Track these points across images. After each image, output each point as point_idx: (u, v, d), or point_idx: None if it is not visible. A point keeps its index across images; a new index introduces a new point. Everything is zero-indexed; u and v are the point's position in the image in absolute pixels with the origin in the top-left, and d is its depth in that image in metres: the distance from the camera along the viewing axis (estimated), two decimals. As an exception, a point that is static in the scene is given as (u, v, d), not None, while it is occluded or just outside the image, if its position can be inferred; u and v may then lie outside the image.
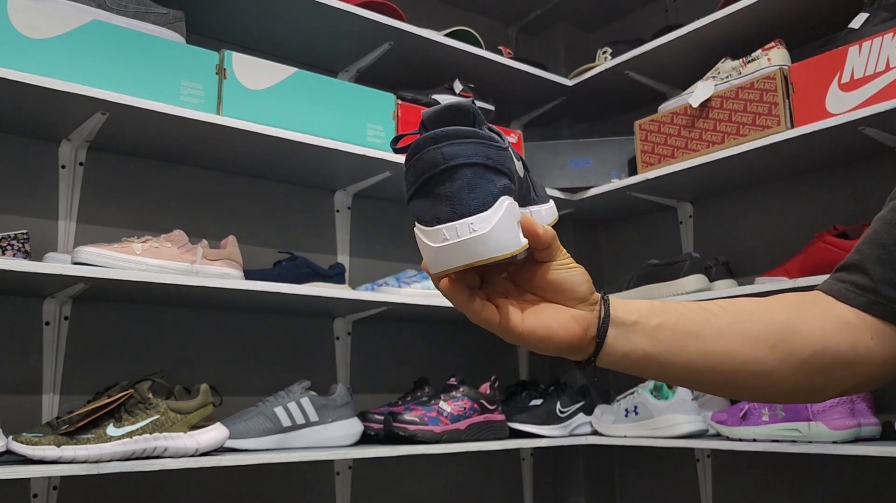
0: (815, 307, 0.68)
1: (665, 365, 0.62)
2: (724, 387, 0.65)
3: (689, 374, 0.63)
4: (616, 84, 2.11)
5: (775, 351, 0.63)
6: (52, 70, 1.30)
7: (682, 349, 0.62)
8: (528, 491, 2.13)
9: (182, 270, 1.42)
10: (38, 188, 1.51)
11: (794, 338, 0.64)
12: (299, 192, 1.86)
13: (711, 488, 1.93)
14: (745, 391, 0.65)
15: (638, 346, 0.61)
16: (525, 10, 2.39)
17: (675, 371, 0.63)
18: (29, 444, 1.16)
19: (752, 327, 0.64)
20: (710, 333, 0.63)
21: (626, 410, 1.83)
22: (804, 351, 0.64)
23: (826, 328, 0.66)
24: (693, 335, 0.62)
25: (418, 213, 0.51)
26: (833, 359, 0.65)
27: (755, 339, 0.63)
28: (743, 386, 0.64)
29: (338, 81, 1.70)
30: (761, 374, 0.63)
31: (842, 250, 1.54)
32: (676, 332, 0.62)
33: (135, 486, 1.52)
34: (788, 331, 0.64)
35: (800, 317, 0.66)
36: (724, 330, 0.63)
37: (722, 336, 0.63)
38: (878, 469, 1.63)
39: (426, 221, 0.51)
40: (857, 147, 1.64)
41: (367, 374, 1.90)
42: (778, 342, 0.63)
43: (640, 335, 0.61)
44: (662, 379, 0.64)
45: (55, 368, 1.47)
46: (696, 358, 0.62)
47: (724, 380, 0.64)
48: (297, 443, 1.52)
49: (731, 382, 0.64)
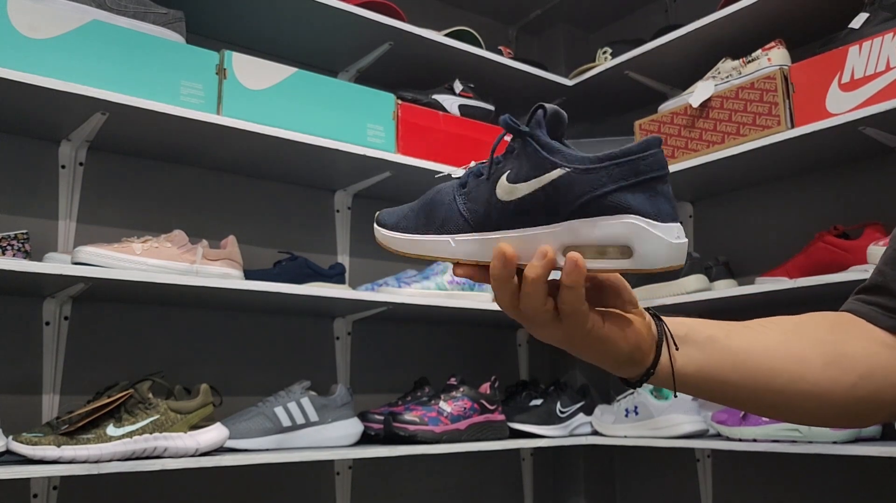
0: (855, 328, 0.67)
1: (717, 381, 0.59)
2: (778, 407, 0.62)
3: (742, 392, 0.60)
4: (616, 84, 2.11)
5: (826, 371, 0.61)
6: (52, 70, 1.30)
7: (734, 365, 0.59)
8: (528, 491, 2.13)
9: (182, 270, 1.42)
10: (38, 188, 1.51)
11: (843, 360, 0.62)
12: (299, 192, 1.86)
13: (712, 488, 1.93)
14: (797, 412, 0.63)
15: (691, 359, 0.58)
16: (525, 10, 2.39)
17: (727, 388, 0.60)
18: (29, 444, 1.16)
19: (800, 346, 0.62)
20: (760, 349, 0.60)
21: (627, 410, 1.83)
22: (854, 372, 0.62)
23: (871, 350, 0.64)
24: (744, 351, 0.60)
25: (637, 206, 0.52)
26: (882, 380, 0.63)
27: (804, 359, 0.61)
28: (797, 407, 0.62)
29: (338, 81, 1.70)
30: (814, 395, 0.61)
31: (842, 250, 1.54)
32: (727, 348, 0.59)
33: (135, 486, 1.52)
34: (837, 353, 0.62)
35: (844, 338, 0.64)
36: (773, 347, 0.61)
37: (772, 353, 0.61)
38: (878, 469, 1.63)
39: (656, 216, 0.51)
40: (858, 147, 1.64)
41: (367, 374, 1.90)
42: (828, 362, 0.61)
43: (692, 347, 0.59)
44: (714, 396, 0.61)
45: (55, 368, 1.47)
46: (748, 374, 0.60)
47: (777, 400, 0.61)
48: (297, 443, 1.52)
49: (785, 403, 0.62)
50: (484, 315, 1.87)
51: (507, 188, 0.56)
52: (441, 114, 1.82)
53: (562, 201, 0.53)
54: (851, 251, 1.53)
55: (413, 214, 0.61)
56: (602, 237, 0.52)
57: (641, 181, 0.52)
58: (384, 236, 0.61)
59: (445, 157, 1.78)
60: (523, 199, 0.55)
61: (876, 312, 0.67)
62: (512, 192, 0.55)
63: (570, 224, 0.53)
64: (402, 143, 1.72)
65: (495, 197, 0.56)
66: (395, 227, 0.61)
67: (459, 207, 0.58)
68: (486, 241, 0.56)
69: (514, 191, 0.55)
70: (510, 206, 0.55)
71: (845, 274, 1.47)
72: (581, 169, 0.53)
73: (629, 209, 0.52)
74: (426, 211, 0.59)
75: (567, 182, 0.53)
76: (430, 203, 0.60)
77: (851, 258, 1.52)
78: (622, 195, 0.52)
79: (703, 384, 0.59)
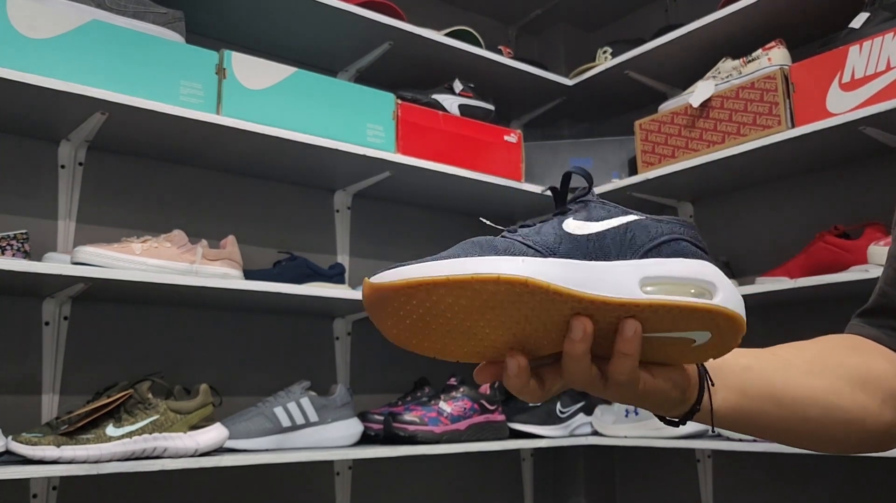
0: (872, 351, 0.65)
1: (755, 413, 0.57)
2: (812, 438, 0.60)
3: (778, 424, 0.58)
4: (616, 84, 2.10)
5: (855, 397, 0.60)
6: (51, 70, 1.30)
7: (772, 396, 0.57)
8: (528, 491, 2.13)
9: (182, 270, 1.42)
10: (38, 188, 1.51)
11: (868, 385, 0.61)
12: (299, 192, 1.86)
13: (712, 488, 1.93)
14: (832, 442, 0.61)
15: (731, 393, 0.56)
16: (525, 10, 2.39)
17: (764, 420, 0.58)
18: (28, 444, 1.16)
19: (828, 374, 0.60)
20: (794, 380, 0.58)
21: (626, 410, 1.83)
22: (879, 395, 0.61)
23: (892, 371, 0.63)
24: (781, 380, 0.58)
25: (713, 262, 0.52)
26: None
27: (834, 387, 0.59)
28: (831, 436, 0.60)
29: (338, 81, 1.70)
30: (846, 422, 0.60)
31: (842, 250, 1.54)
32: (764, 378, 0.57)
33: (134, 486, 1.51)
34: (862, 378, 0.61)
35: (864, 361, 0.63)
36: (803, 377, 0.59)
37: (804, 383, 0.59)
38: (878, 469, 1.62)
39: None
40: (858, 147, 1.64)
41: (367, 374, 1.89)
42: (855, 388, 0.60)
43: (730, 378, 0.56)
44: (749, 428, 0.58)
45: (55, 368, 1.47)
46: (786, 405, 0.57)
47: (814, 430, 0.59)
48: (296, 443, 1.52)
49: (820, 433, 0.60)
50: (484, 315, 1.87)
51: (579, 225, 0.50)
52: (441, 114, 1.82)
53: (638, 239, 0.50)
54: (852, 251, 1.52)
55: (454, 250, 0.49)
56: (687, 272, 0.48)
57: (702, 245, 0.51)
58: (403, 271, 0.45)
59: (445, 157, 1.78)
60: (597, 234, 0.50)
61: (886, 335, 0.66)
62: (584, 228, 0.50)
63: (652, 259, 0.49)
64: (401, 143, 1.72)
65: (564, 230, 0.50)
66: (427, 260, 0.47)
67: (522, 241, 0.49)
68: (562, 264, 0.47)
69: (586, 227, 0.50)
70: (582, 239, 0.50)
71: (846, 274, 1.46)
72: (652, 218, 0.51)
73: (704, 259, 0.50)
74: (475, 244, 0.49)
75: (641, 225, 0.50)
76: (476, 241, 0.49)
77: (852, 258, 1.51)
78: (693, 247, 0.50)
79: (739, 419, 0.57)
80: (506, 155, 1.90)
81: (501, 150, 1.90)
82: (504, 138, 1.91)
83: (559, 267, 0.46)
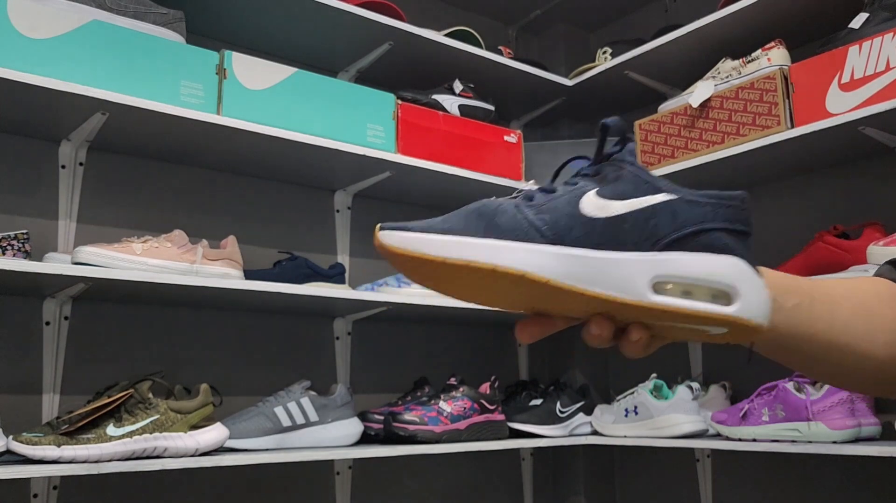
0: None
1: (790, 349, 0.58)
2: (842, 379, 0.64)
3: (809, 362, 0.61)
4: (616, 84, 2.11)
5: (889, 350, 0.62)
6: (52, 70, 1.30)
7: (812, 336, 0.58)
8: (527, 491, 2.13)
9: (182, 270, 1.42)
10: (38, 188, 1.51)
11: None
12: (299, 192, 1.86)
13: (711, 488, 1.93)
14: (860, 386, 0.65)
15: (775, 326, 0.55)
16: (525, 10, 2.39)
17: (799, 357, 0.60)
18: (29, 444, 1.16)
19: (870, 325, 0.62)
20: (838, 327, 0.60)
21: (626, 410, 1.83)
22: None
23: None
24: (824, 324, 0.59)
25: (740, 253, 0.47)
26: None
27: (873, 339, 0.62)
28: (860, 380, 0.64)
29: (338, 81, 1.70)
30: (878, 370, 0.62)
31: (842, 250, 1.54)
32: (809, 318, 0.58)
33: (135, 486, 1.52)
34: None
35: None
36: (846, 325, 0.61)
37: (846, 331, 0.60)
38: (878, 469, 1.63)
39: (755, 270, 0.48)
40: (857, 147, 1.64)
41: (367, 374, 1.90)
42: (889, 342, 0.62)
43: (777, 313, 0.55)
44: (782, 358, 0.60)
45: (55, 368, 1.47)
46: (822, 348, 0.59)
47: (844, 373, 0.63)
48: (297, 443, 1.52)
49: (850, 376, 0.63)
50: (484, 315, 1.87)
51: (598, 203, 0.48)
52: (441, 114, 1.82)
53: (661, 227, 0.47)
54: (851, 251, 1.53)
55: (458, 219, 0.47)
56: (707, 273, 0.45)
57: (742, 230, 0.48)
58: (405, 239, 0.46)
59: (445, 158, 1.78)
60: (616, 218, 0.47)
61: None
62: (603, 208, 0.47)
63: (670, 255, 0.46)
64: (401, 143, 1.72)
65: (579, 210, 0.48)
66: (429, 229, 0.46)
67: (529, 218, 0.47)
68: (566, 256, 0.45)
69: (605, 207, 0.47)
70: (598, 223, 0.47)
71: (845, 274, 1.47)
72: (687, 199, 0.48)
73: (734, 253, 0.46)
74: (480, 214, 0.47)
75: (670, 209, 0.47)
76: (482, 209, 0.48)
77: (851, 258, 1.52)
78: (726, 237, 0.47)
79: (774, 351, 0.59)
80: (506, 155, 1.90)
81: (501, 151, 1.90)
82: (504, 138, 1.91)
83: (562, 259, 0.45)
